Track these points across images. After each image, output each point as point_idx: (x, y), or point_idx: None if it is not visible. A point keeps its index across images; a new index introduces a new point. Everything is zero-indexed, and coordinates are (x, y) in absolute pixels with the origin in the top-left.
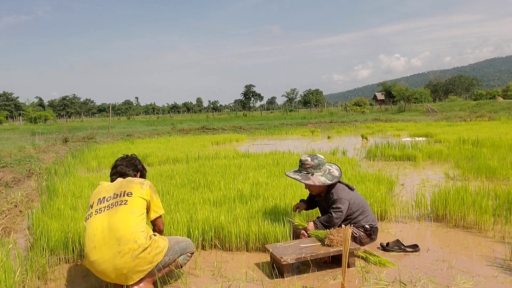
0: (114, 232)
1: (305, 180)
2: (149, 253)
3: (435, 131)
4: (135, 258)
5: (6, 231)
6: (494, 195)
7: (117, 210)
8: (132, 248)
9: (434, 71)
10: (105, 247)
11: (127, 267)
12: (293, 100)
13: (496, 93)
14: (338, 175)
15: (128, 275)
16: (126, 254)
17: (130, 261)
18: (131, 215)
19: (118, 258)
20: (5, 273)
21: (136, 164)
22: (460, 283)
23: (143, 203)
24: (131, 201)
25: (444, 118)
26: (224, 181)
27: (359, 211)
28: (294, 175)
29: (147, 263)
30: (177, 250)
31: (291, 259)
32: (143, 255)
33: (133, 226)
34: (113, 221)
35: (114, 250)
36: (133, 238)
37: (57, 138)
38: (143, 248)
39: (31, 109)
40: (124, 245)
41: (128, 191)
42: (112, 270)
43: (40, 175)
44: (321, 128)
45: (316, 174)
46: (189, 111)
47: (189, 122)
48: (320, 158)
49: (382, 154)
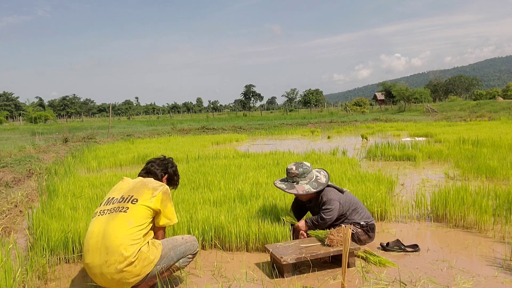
0: (105, 240)
1: (290, 190)
2: (135, 266)
3: (435, 131)
4: (120, 271)
5: (6, 231)
6: (494, 195)
7: (115, 217)
8: (118, 260)
9: (434, 71)
10: (96, 252)
11: (113, 278)
12: (293, 100)
13: (496, 93)
14: (324, 182)
15: (117, 284)
16: (111, 265)
17: (114, 273)
18: (125, 225)
19: (105, 267)
20: (5, 273)
21: (168, 166)
22: (460, 283)
23: (146, 213)
24: (132, 209)
25: (444, 118)
26: (224, 181)
27: (351, 209)
28: (280, 185)
29: (133, 276)
30: (173, 256)
31: (291, 259)
32: (128, 269)
33: (124, 237)
34: (108, 227)
35: (103, 259)
36: (119, 250)
37: (57, 138)
38: (128, 262)
39: (31, 109)
40: (110, 256)
41: (135, 197)
42: (100, 277)
43: (40, 175)
44: (321, 128)
45: (301, 183)
46: (189, 111)
47: (189, 122)
48: (305, 166)
49: (382, 154)
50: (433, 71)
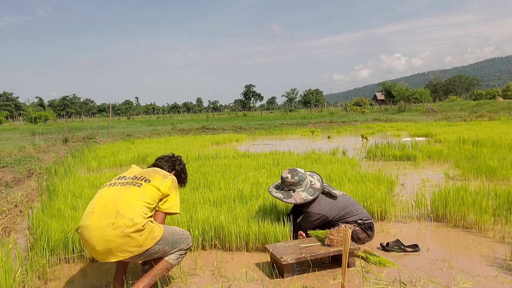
0: (116, 204)
1: (287, 199)
2: (141, 235)
3: (435, 131)
4: (126, 235)
5: (6, 231)
6: (494, 195)
7: (128, 188)
8: (126, 225)
9: (434, 71)
10: (102, 216)
11: (115, 241)
12: (293, 100)
13: (496, 93)
14: (319, 187)
15: (113, 251)
16: (118, 227)
17: (119, 237)
18: (138, 197)
19: (110, 229)
20: (5, 273)
21: (176, 163)
22: (460, 283)
23: (156, 194)
24: (145, 186)
25: (444, 118)
26: (224, 181)
27: (342, 213)
28: (276, 194)
29: (135, 245)
30: (170, 241)
31: (291, 259)
32: (134, 235)
33: (136, 207)
34: (121, 195)
35: (109, 221)
36: (131, 215)
37: (57, 138)
38: (136, 228)
39: (31, 109)
40: (120, 219)
41: (147, 178)
42: (99, 240)
43: (40, 175)
44: (321, 128)
45: (297, 191)
46: (189, 111)
47: (189, 122)
48: (300, 174)
49: (382, 154)
50: (433, 71)
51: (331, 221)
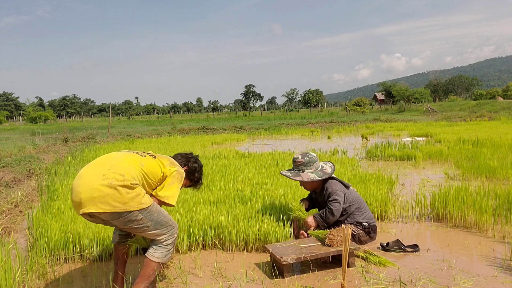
0: (112, 160)
1: (295, 177)
2: (127, 193)
3: (435, 131)
4: (112, 187)
5: (6, 231)
6: (494, 195)
7: (131, 154)
8: (116, 178)
9: (434, 71)
10: (98, 167)
11: (100, 190)
12: (293, 100)
13: (496, 93)
14: (330, 172)
15: (95, 200)
16: (107, 179)
17: (106, 187)
18: (137, 163)
19: (99, 179)
20: (5, 273)
21: (190, 160)
22: (460, 283)
23: (158, 171)
24: (149, 159)
25: (444, 118)
26: (224, 181)
27: (355, 206)
28: (286, 173)
29: (119, 201)
30: (155, 218)
31: (291, 259)
32: (121, 190)
33: (132, 169)
34: (121, 156)
35: (102, 172)
36: (124, 171)
37: (57, 138)
38: (125, 184)
39: (31, 109)
40: (112, 172)
41: (155, 155)
42: (85, 187)
43: (40, 175)
44: (321, 128)
45: (306, 171)
46: (189, 111)
47: (189, 122)
48: (311, 156)
49: (382, 154)
50: (433, 71)
51: (343, 211)
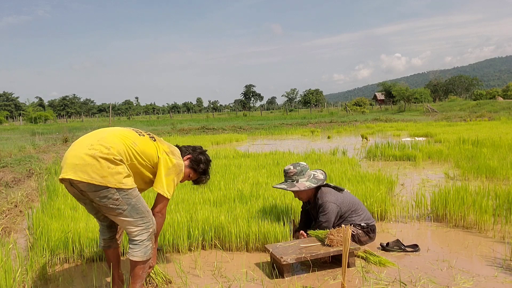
0: (105, 133)
1: (291, 188)
2: (108, 167)
3: (435, 131)
4: (95, 158)
5: (6, 231)
6: (494, 195)
7: (127, 130)
8: (101, 150)
9: (434, 71)
10: (89, 138)
11: (83, 158)
12: (293, 100)
13: (496, 93)
14: (323, 178)
15: (76, 168)
16: (93, 149)
17: (89, 156)
18: (130, 140)
19: (86, 148)
20: (5, 273)
21: (197, 152)
22: (460, 283)
23: (153, 153)
24: (146, 139)
25: (444, 118)
26: (224, 181)
27: (350, 210)
28: (280, 185)
29: (98, 173)
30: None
31: (291, 259)
32: (102, 162)
33: (122, 145)
34: (115, 130)
35: (90, 142)
36: (111, 145)
37: (57, 138)
38: (108, 158)
39: (31, 109)
40: (99, 144)
41: (154, 137)
42: (72, 155)
43: (40, 175)
44: (321, 128)
45: (300, 180)
46: (189, 111)
47: (189, 122)
48: (302, 165)
49: (382, 154)
50: (433, 71)
51: (341, 216)
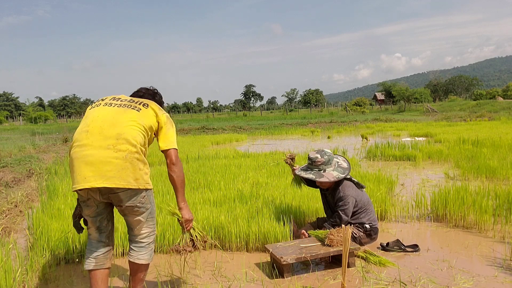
0: (115, 127)
1: (320, 178)
2: (140, 169)
3: (435, 131)
4: (128, 160)
5: (6, 231)
6: (494, 195)
7: (127, 111)
8: (130, 150)
9: (434, 71)
10: (100, 135)
11: (114, 163)
12: (293, 100)
13: (496, 93)
14: (347, 166)
15: (107, 173)
16: (120, 151)
17: (121, 159)
18: (138, 124)
19: (110, 151)
20: (5, 273)
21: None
22: (460, 283)
23: (154, 121)
24: (144, 111)
25: (444, 118)
26: (224, 181)
27: (362, 209)
28: (307, 175)
29: (131, 176)
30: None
31: (291, 259)
32: (135, 163)
33: (137, 134)
34: (119, 117)
35: (110, 142)
36: (133, 141)
37: (57, 138)
38: (139, 157)
39: (31, 109)
40: (122, 143)
41: (145, 103)
42: (95, 160)
43: (40, 175)
44: (321, 128)
45: (328, 170)
46: (189, 111)
47: (189, 122)
48: (328, 153)
49: (382, 154)
50: (433, 71)
51: (353, 212)
